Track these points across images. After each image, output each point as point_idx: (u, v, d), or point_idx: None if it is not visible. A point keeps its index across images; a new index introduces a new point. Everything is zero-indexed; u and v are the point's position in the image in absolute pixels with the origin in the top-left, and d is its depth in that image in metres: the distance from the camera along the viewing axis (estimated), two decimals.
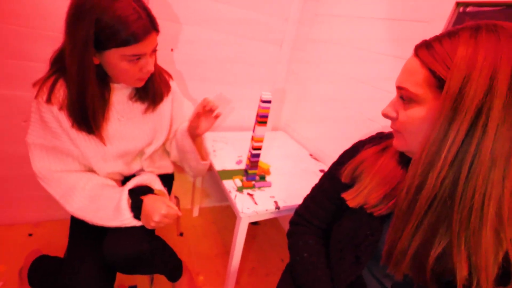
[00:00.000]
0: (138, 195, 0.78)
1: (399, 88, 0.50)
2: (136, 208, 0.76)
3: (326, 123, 1.35)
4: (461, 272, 0.43)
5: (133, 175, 0.89)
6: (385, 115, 0.54)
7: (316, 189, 0.76)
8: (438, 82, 0.43)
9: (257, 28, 1.35)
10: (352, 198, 0.61)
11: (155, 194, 0.83)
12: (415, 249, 0.47)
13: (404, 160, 0.58)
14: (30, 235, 1.30)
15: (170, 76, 0.95)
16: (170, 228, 1.50)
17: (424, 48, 0.46)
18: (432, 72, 0.44)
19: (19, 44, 1.01)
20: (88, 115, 0.72)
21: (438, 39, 0.45)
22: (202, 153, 1.04)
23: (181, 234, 1.49)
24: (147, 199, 0.77)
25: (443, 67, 0.42)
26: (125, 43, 0.66)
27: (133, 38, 0.66)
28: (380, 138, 0.67)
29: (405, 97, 0.49)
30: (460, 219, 0.42)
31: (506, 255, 0.42)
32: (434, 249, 0.45)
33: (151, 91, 0.84)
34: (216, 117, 0.93)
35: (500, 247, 0.42)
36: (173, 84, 0.94)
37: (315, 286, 0.64)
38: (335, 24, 1.29)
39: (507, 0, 0.71)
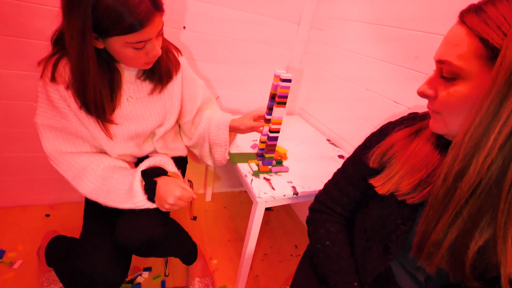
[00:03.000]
0: (151, 177, 0.75)
1: (439, 62, 0.43)
2: (150, 190, 0.73)
3: (346, 107, 1.28)
4: (507, 268, 0.39)
5: (146, 157, 0.87)
6: (421, 94, 0.48)
7: (339, 175, 0.71)
8: (491, 53, 0.37)
9: (273, 5, 1.27)
10: (381, 185, 0.56)
11: (169, 176, 0.80)
12: (452, 241, 0.42)
13: (441, 143, 0.52)
14: (47, 215, 1.32)
15: (179, 51, 0.89)
16: (183, 212, 1.50)
17: (473, 13, 0.40)
18: (483, 41, 0.37)
19: (19, 20, 0.97)
20: (91, 104, 0.69)
21: (491, 1, 0.38)
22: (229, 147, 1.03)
23: (195, 218, 1.48)
24: (161, 181, 0.74)
25: (498, 33, 0.36)
26: (127, 31, 0.60)
27: (136, 25, 0.60)
28: (413, 120, 0.62)
29: (447, 73, 0.43)
30: (508, 208, 0.37)
31: None
32: (475, 242, 0.41)
33: (159, 70, 0.79)
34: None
35: None
36: (182, 60, 0.89)
37: (339, 277, 0.60)
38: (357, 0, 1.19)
39: None
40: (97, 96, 0.69)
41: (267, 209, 1.65)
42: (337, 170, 0.73)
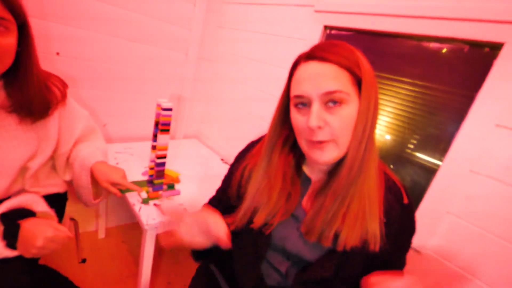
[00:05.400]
0: (13, 220, 0.67)
1: (328, 93, 0.49)
2: (11, 235, 0.65)
3: (234, 127, 1.43)
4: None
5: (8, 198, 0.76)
6: (315, 127, 0.50)
7: (220, 191, 0.79)
8: (355, 80, 0.51)
9: (159, 35, 1.33)
10: (231, 224, 0.65)
11: (38, 217, 0.72)
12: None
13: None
14: None
15: (65, 85, 0.82)
16: (70, 256, 1.31)
17: (331, 55, 0.51)
18: (351, 72, 0.51)
19: None
20: None
21: (332, 44, 0.53)
22: (98, 190, 0.96)
23: (84, 261, 1.32)
24: (27, 223, 0.66)
25: (356, 66, 0.51)
26: None
27: None
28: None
29: (337, 100, 0.50)
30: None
31: None
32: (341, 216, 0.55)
33: (27, 103, 0.71)
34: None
35: None
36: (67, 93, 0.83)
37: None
38: (236, 36, 1.38)
39: (354, 27, 0.92)
40: None
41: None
42: (224, 176, 0.79)
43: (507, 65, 0.63)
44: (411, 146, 0.82)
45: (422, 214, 0.79)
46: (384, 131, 0.89)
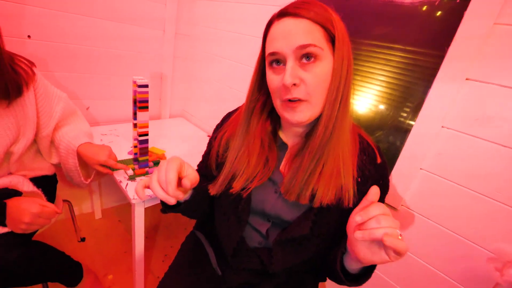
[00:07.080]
0: (0, 199, 0.69)
1: (302, 47, 0.48)
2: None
3: (218, 103, 1.43)
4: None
5: None
6: (290, 84, 0.49)
7: (201, 163, 0.82)
8: (329, 37, 0.50)
9: (134, 12, 1.30)
10: (212, 188, 0.66)
11: (25, 196, 0.75)
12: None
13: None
14: None
15: (32, 64, 0.82)
16: (70, 236, 1.37)
17: (305, 11, 0.49)
18: (325, 28, 0.50)
19: None
20: None
21: (307, 2, 0.52)
22: (88, 171, 0.98)
23: (83, 239, 1.37)
24: (13, 202, 0.69)
25: (330, 23, 0.50)
26: None
27: None
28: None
29: (311, 54, 0.49)
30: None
31: None
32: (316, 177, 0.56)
33: (1, 84, 0.72)
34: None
35: None
36: (36, 71, 0.83)
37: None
38: (213, 7, 1.35)
39: None
40: None
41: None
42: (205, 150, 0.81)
43: (476, 16, 0.63)
44: (404, 115, 0.81)
45: (397, 172, 0.82)
46: (377, 100, 0.87)
